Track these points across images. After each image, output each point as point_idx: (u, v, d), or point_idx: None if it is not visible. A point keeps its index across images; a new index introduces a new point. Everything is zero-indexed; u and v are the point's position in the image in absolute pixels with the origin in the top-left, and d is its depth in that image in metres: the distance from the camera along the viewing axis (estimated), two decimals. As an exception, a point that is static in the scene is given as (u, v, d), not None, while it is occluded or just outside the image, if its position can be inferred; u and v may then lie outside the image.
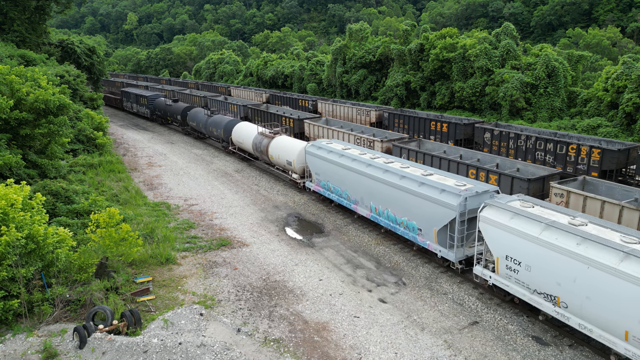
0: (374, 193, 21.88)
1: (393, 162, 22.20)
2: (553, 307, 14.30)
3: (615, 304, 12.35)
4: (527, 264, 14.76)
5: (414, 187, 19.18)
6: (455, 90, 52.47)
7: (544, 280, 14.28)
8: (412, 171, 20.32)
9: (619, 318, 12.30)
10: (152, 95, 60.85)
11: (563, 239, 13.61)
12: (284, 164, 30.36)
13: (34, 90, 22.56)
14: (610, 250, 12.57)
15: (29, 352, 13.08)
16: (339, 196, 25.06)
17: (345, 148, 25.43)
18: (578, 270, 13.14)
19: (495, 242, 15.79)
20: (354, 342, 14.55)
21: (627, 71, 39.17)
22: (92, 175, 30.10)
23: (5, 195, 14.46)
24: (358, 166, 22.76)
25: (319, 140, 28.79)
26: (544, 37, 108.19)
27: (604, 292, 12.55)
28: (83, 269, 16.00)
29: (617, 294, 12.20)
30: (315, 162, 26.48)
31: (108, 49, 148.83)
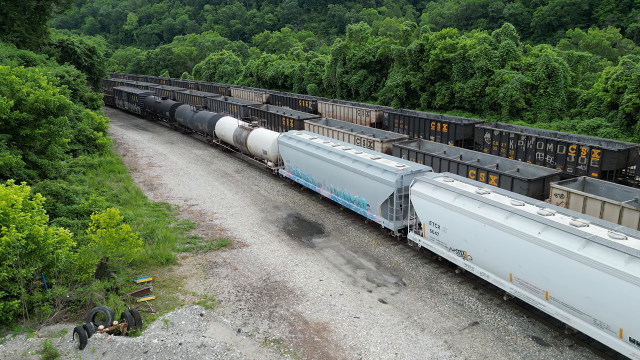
0: (333, 176, 25.15)
1: (350, 149, 25.49)
2: (463, 261, 17.53)
3: (502, 253, 15.64)
4: (444, 227, 17.96)
5: (363, 169, 22.42)
6: (455, 90, 52.48)
7: (456, 238, 17.52)
8: (364, 156, 23.62)
9: (506, 264, 15.63)
10: (143, 93, 63.71)
11: (469, 204, 16.71)
12: (261, 153, 33.57)
13: (34, 91, 22.57)
14: (500, 211, 15.74)
15: (29, 352, 13.08)
16: (306, 180, 28.19)
17: (312, 138, 28.62)
18: (478, 228, 16.36)
19: (422, 211, 18.98)
20: (354, 342, 14.55)
21: (627, 72, 39.18)
22: (92, 175, 30.10)
23: (6, 195, 14.46)
24: (321, 153, 25.88)
25: (291, 131, 31.39)
26: (543, 38, 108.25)
27: (496, 244, 15.80)
28: (83, 269, 16.00)
29: (504, 245, 15.44)
30: (286, 151, 29.75)
31: (108, 49, 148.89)
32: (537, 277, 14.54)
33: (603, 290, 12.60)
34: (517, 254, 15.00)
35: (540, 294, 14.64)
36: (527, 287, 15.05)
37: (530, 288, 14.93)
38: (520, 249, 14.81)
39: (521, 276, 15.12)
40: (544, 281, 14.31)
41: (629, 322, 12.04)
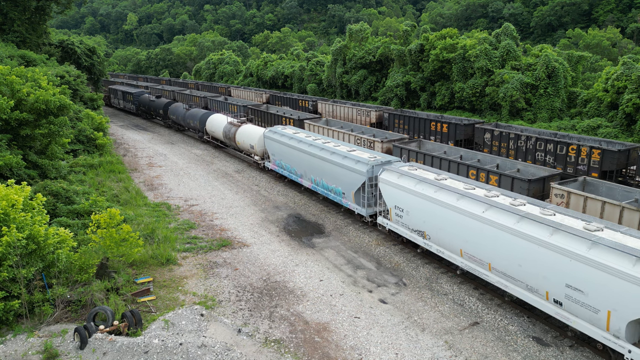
0: (313, 167, 26.90)
1: (329, 142, 27.46)
2: (423, 240, 19.35)
3: (454, 231, 17.40)
4: (407, 210, 19.84)
5: (339, 160, 24.27)
6: (455, 90, 52.49)
7: (417, 220, 19.39)
8: (341, 148, 25.43)
9: (457, 241, 17.36)
10: (137, 92, 65.50)
11: (427, 189, 18.61)
12: (248, 147, 35.54)
13: (34, 91, 22.57)
14: (452, 194, 17.56)
15: (29, 352, 13.08)
16: (290, 172, 30.03)
17: (295, 132, 30.57)
18: (434, 210, 17.99)
19: (388, 196, 20.89)
20: (354, 342, 14.55)
21: (627, 72, 39.19)
22: (92, 175, 30.10)
23: (6, 195, 14.46)
24: (302, 146, 27.68)
25: (276, 126, 33.22)
26: (543, 38, 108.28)
27: (448, 223, 17.58)
28: (84, 269, 15.99)
29: (455, 224, 17.21)
30: (271, 145, 31.62)
31: (108, 50, 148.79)
32: (481, 250, 16.37)
33: (532, 259, 14.41)
34: (465, 231, 16.85)
35: (484, 265, 16.49)
36: (475, 260, 16.90)
37: (477, 261, 16.78)
38: (468, 227, 16.63)
39: (469, 251, 16.92)
40: (487, 254, 16.17)
41: (553, 286, 14.00)
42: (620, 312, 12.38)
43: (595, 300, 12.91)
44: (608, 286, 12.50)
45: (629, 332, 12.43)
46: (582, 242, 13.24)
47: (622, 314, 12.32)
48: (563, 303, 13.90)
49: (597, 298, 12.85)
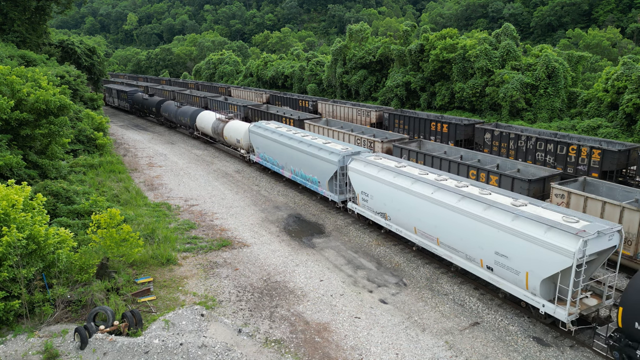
0: (293, 159, 29.06)
1: (307, 135, 29.62)
2: (385, 221, 21.68)
3: (409, 211, 19.70)
4: (371, 194, 22.18)
5: (315, 152, 26.48)
6: (455, 90, 52.48)
7: (379, 203, 21.73)
8: (317, 141, 27.46)
9: (411, 220, 19.70)
10: (131, 90, 67.99)
11: (388, 175, 20.98)
12: (235, 142, 38.03)
13: (34, 91, 22.55)
14: (408, 179, 19.86)
15: (30, 352, 13.07)
16: (272, 164, 32.31)
17: (277, 127, 32.78)
18: (393, 193, 20.61)
19: (356, 183, 23.33)
20: (355, 343, 14.55)
21: (627, 72, 39.19)
22: (92, 175, 30.09)
23: (7, 195, 14.45)
24: (283, 139, 29.93)
25: (260, 122, 35.56)
26: (543, 38, 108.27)
27: (405, 205, 19.91)
28: (84, 269, 15.98)
29: (410, 205, 19.52)
30: (256, 139, 33.95)
31: (108, 50, 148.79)
32: (431, 227, 18.70)
33: (470, 232, 16.67)
34: (418, 211, 19.16)
35: (434, 240, 18.84)
36: (426, 236, 19.20)
37: (428, 237, 19.12)
38: (420, 207, 18.97)
39: (422, 228, 19.25)
40: (436, 230, 18.47)
41: (485, 254, 16.29)
42: (535, 273, 14.64)
43: (517, 264, 15.20)
44: (526, 251, 14.74)
45: (542, 289, 14.72)
46: (507, 215, 15.50)
47: (537, 274, 14.60)
48: (494, 268, 16.24)
49: (518, 262, 15.14)
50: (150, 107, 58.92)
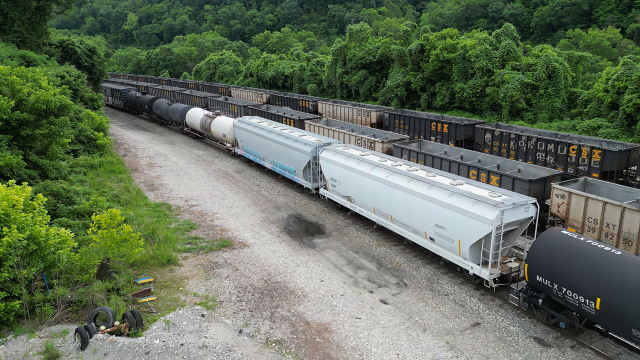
0: (272, 151, 31.51)
1: (285, 129, 31.98)
2: (350, 204, 24.26)
3: (369, 194, 22.25)
4: (339, 180, 24.70)
5: (291, 144, 28.88)
6: (455, 91, 52.48)
7: (345, 188, 24.30)
8: (294, 134, 29.96)
9: (371, 201, 22.24)
10: (125, 89, 70.76)
11: (352, 162, 23.57)
12: (221, 136, 40.58)
13: (35, 91, 22.54)
14: (369, 165, 22.49)
15: (30, 353, 13.06)
16: (254, 156, 34.85)
17: (259, 122, 35.07)
18: (356, 178, 23.09)
19: (326, 170, 25.86)
20: (355, 343, 14.54)
21: (627, 72, 39.18)
22: (92, 175, 30.07)
23: (7, 196, 14.43)
24: (264, 133, 32.35)
25: (244, 117, 38.30)
26: (544, 38, 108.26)
27: (365, 188, 22.49)
28: (84, 269, 15.98)
29: (370, 188, 22.06)
30: (240, 133, 36.23)
31: (108, 50, 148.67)
32: (386, 206, 21.22)
33: (417, 208, 19.25)
34: (376, 192, 21.69)
35: (388, 218, 21.33)
36: (383, 215, 21.76)
37: (384, 215, 21.65)
38: (378, 189, 21.49)
39: (379, 208, 21.81)
40: (390, 209, 21.00)
41: (428, 227, 18.84)
42: (465, 240, 17.18)
43: (452, 233, 17.71)
44: (458, 221, 17.28)
45: (471, 254, 17.20)
46: (445, 192, 18.02)
47: (466, 240, 17.11)
48: (435, 239, 18.72)
49: (452, 231, 17.65)
50: (143, 104, 61.36)
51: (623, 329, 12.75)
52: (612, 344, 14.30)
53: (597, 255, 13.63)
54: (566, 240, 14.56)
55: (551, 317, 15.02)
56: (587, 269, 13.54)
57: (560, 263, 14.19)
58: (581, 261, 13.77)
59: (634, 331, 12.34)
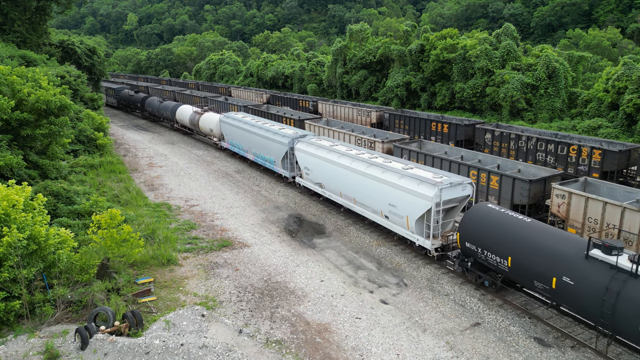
0: (254, 144, 34.12)
1: (266, 123, 34.47)
2: (321, 189, 26.66)
3: (336, 179, 24.68)
4: (312, 169, 27.06)
5: (271, 136, 31.32)
6: (455, 91, 52.47)
7: (317, 175, 26.75)
8: (274, 127, 32.49)
9: (338, 186, 24.74)
10: (118, 87, 73.38)
11: (322, 152, 25.94)
12: (208, 131, 42.89)
13: (35, 91, 22.53)
14: (336, 154, 24.74)
15: (30, 353, 13.06)
16: (239, 149, 37.54)
17: (243, 117, 37.73)
18: (325, 166, 25.49)
19: (301, 160, 28.16)
20: (355, 343, 14.53)
21: (627, 72, 39.17)
22: (92, 175, 30.07)
23: (7, 196, 14.43)
24: (246, 127, 34.99)
25: (230, 112, 41.71)
26: (544, 38, 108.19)
27: (333, 174, 24.93)
28: (84, 269, 15.98)
29: (337, 174, 24.56)
30: (226, 128, 38.96)
31: (108, 50, 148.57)
32: (350, 190, 23.74)
33: (374, 190, 21.65)
34: (342, 178, 24.16)
35: (352, 200, 23.94)
36: (347, 198, 24.28)
37: (348, 198, 24.19)
38: (343, 175, 23.91)
39: (344, 192, 24.32)
40: (353, 192, 23.57)
41: (383, 206, 21.35)
42: (411, 215, 19.68)
43: (401, 210, 20.25)
44: (406, 200, 19.79)
45: (417, 228, 19.70)
46: (396, 175, 20.49)
47: (412, 216, 19.62)
48: (389, 216, 21.24)
49: (402, 208, 20.18)
50: (136, 102, 63.96)
51: (527, 281, 15.37)
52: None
53: (510, 222, 16.10)
54: (489, 211, 17.11)
55: (478, 278, 17.66)
56: (502, 234, 16.01)
57: (483, 230, 16.70)
58: (498, 228, 16.27)
59: (535, 282, 14.85)
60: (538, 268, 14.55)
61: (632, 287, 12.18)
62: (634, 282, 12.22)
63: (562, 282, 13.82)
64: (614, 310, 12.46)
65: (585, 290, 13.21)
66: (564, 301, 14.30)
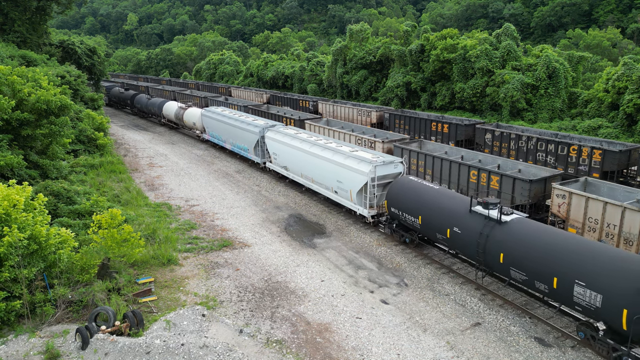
0: (231, 134, 38.18)
1: (242, 115, 38.73)
2: (286, 172, 30.29)
3: (298, 163, 28.43)
4: (278, 154, 30.86)
5: (244, 127, 35.54)
6: (455, 91, 52.48)
7: (283, 159, 30.41)
8: (248, 119, 36.79)
9: (299, 168, 28.41)
10: (109, 85, 77.55)
11: (287, 139, 29.67)
12: (192, 124, 46.73)
13: (35, 91, 22.54)
14: (299, 140, 28.57)
15: (31, 353, 13.07)
16: (218, 140, 41.29)
17: (222, 110, 42.06)
18: (289, 151, 29.19)
19: (270, 147, 32.05)
20: (356, 343, 14.54)
21: (627, 72, 39.19)
22: (93, 175, 30.08)
23: (8, 196, 14.44)
24: (225, 119, 39.06)
25: (211, 107, 46.51)
26: (544, 38, 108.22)
27: (296, 158, 28.65)
28: (85, 269, 15.98)
29: (299, 158, 28.28)
30: (207, 121, 42.94)
31: (108, 50, 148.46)
32: (309, 170, 27.36)
33: (327, 170, 25.41)
34: (302, 161, 27.83)
35: (310, 179, 27.54)
36: (307, 178, 27.81)
37: (307, 178, 27.74)
38: (303, 158, 27.66)
39: (306, 173, 27.85)
40: (311, 172, 27.16)
41: (333, 183, 25.09)
42: (353, 189, 23.36)
43: (346, 185, 23.91)
44: (349, 176, 23.52)
45: (358, 199, 23.43)
46: (344, 156, 24.24)
47: (354, 189, 23.32)
48: (337, 191, 24.96)
49: (346, 184, 23.88)
50: (126, 99, 67.71)
51: (432, 234, 19.01)
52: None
53: (421, 189, 19.85)
54: (408, 181, 20.84)
55: (402, 236, 21.53)
56: (415, 199, 19.66)
57: (403, 197, 20.34)
58: (413, 194, 19.94)
59: (437, 234, 18.47)
60: (438, 223, 18.28)
61: (497, 230, 15.87)
62: (499, 227, 15.89)
63: (454, 232, 17.49)
64: (484, 249, 16.13)
65: (468, 236, 16.82)
66: (455, 246, 17.97)
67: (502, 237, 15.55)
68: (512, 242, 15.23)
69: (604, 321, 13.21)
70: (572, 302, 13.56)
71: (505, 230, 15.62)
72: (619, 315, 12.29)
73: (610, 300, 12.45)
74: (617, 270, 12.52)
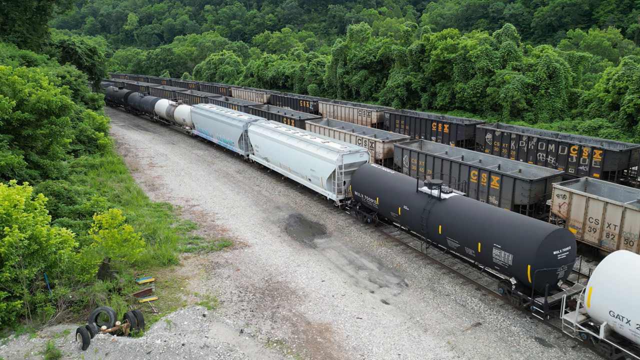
0: (218, 129, 40.72)
1: (228, 111, 41.15)
2: (267, 163, 32.85)
3: (278, 154, 30.82)
4: (260, 146, 33.51)
5: (230, 122, 38.16)
6: (456, 91, 52.47)
7: (264, 151, 32.98)
8: (233, 114, 39.11)
9: (279, 159, 30.91)
10: (104, 84, 77.83)
11: (268, 132, 32.38)
12: (182, 121, 49.63)
13: (36, 91, 22.54)
14: (279, 134, 31.01)
15: (32, 352, 13.07)
16: (206, 135, 44.37)
17: (210, 107, 44.38)
18: (270, 143, 31.65)
19: (252, 140, 34.71)
20: (356, 343, 14.54)
21: (628, 72, 39.17)
22: (93, 175, 30.07)
23: (8, 196, 14.44)
24: (212, 115, 41.91)
25: (199, 104, 48.84)
26: (544, 38, 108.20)
27: (276, 150, 30.93)
28: (86, 269, 15.98)
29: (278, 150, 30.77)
30: (195, 117, 45.80)
31: (109, 50, 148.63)
32: (287, 161, 29.79)
33: (302, 160, 27.76)
34: (282, 152, 30.20)
35: (287, 169, 30.00)
36: (285, 167, 30.23)
37: (285, 167, 30.20)
38: (283, 150, 29.97)
39: (284, 163, 30.35)
40: (289, 162, 29.59)
41: (308, 171, 27.31)
42: (324, 176, 25.58)
43: (318, 173, 26.17)
44: (320, 165, 25.84)
45: (328, 186, 25.63)
46: (317, 147, 26.59)
47: (325, 177, 25.51)
48: (311, 179, 27.17)
49: (318, 172, 26.12)
50: (120, 98, 70.54)
51: (387, 213, 21.81)
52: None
53: (379, 174, 22.66)
54: (369, 168, 23.64)
55: (364, 217, 24.05)
56: (374, 183, 22.43)
57: (364, 181, 23.11)
58: (372, 178, 22.74)
59: (391, 213, 21.29)
60: (392, 202, 21.07)
61: (436, 206, 18.65)
62: (439, 204, 18.63)
63: (404, 210, 20.29)
64: (427, 222, 18.85)
65: (415, 213, 19.59)
66: (405, 222, 20.77)
67: (440, 212, 18.36)
68: (448, 216, 18.02)
69: (515, 277, 15.92)
70: (492, 262, 16.36)
71: (443, 206, 18.44)
72: (525, 271, 15.02)
73: (519, 259, 15.17)
74: (524, 234, 15.27)
